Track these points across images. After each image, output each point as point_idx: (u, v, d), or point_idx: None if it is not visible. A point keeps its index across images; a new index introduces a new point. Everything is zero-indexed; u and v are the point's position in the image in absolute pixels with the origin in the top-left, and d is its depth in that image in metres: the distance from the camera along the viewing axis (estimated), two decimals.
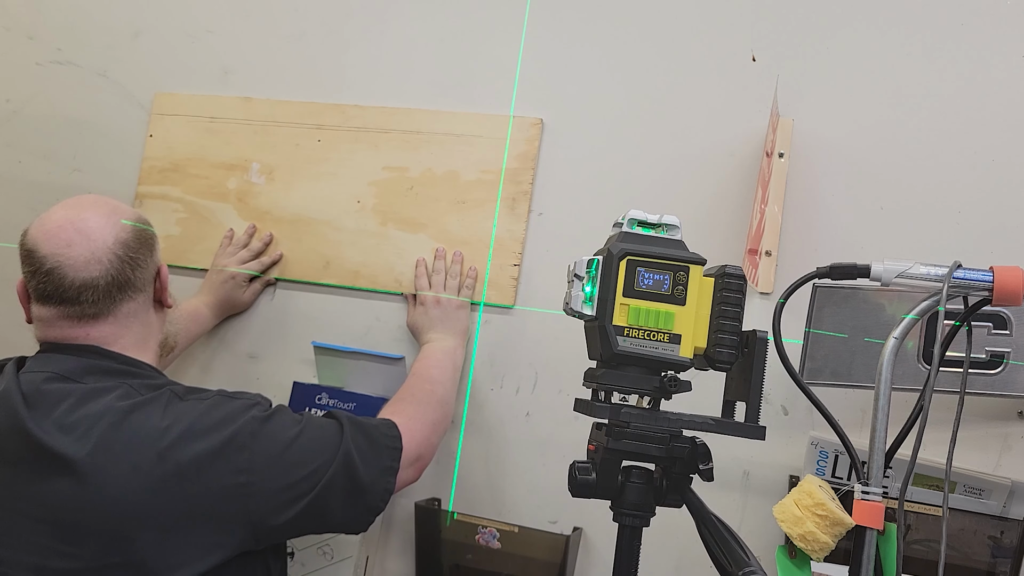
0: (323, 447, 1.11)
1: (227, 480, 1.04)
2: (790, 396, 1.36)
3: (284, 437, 1.09)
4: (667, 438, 0.94)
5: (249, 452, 1.06)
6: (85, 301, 1.12)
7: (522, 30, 1.57)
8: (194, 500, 1.03)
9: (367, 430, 1.15)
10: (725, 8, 1.49)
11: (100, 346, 1.13)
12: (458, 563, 1.45)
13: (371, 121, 1.63)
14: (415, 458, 1.20)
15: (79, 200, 1.17)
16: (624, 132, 1.51)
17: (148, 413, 1.06)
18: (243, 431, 1.07)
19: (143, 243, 1.17)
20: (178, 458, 1.03)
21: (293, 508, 1.07)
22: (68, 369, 1.10)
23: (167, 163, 1.73)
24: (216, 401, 1.10)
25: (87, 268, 1.11)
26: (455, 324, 1.48)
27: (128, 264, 1.14)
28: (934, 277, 1.02)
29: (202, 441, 1.05)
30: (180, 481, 1.03)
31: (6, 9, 1.89)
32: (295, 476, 1.08)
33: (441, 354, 1.42)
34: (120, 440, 1.03)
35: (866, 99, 1.40)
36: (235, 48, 1.74)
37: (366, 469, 1.12)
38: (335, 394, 1.50)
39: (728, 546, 0.91)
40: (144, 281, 1.17)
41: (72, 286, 1.11)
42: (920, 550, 1.25)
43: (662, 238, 0.96)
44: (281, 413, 1.13)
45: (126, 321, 1.15)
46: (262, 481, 1.06)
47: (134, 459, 1.03)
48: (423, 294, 1.50)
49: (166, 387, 1.12)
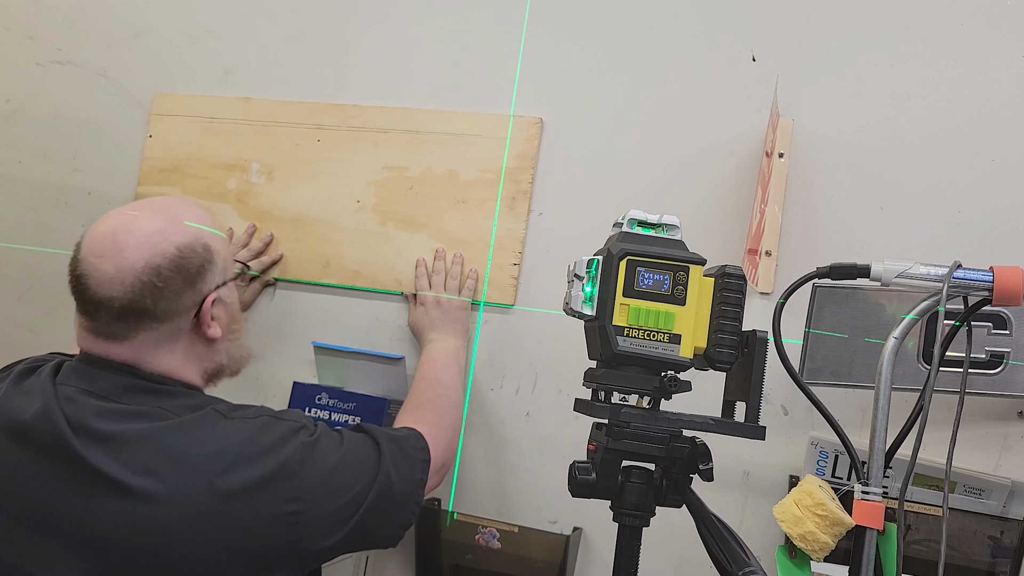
0: (365, 469, 1.09)
1: (278, 509, 1.02)
2: (790, 396, 1.36)
3: (331, 462, 1.07)
4: (667, 438, 0.94)
5: (299, 480, 1.04)
6: (100, 319, 1.06)
7: (522, 30, 1.57)
8: (244, 528, 1.01)
9: (400, 444, 1.14)
10: (725, 8, 1.49)
11: (134, 365, 1.08)
12: (458, 563, 1.45)
13: (370, 121, 1.63)
14: (440, 466, 1.20)
15: (143, 207, 1.10)
16: (624, 132, 1.51)
17: (196, 436, 1.03)
18: (293, 458, 1.04)
19: (181, 272, 1.06)
20: (230, 485, 1.00)
21: (339, 533, 1.06)
22: (104, 388, 1.06)
23: (167, 163, 1.73)
24: (264, 423, 1.07)
25: (108, 286, 1.04)
26: (456, 325, 1.47)
27: (150, 293, 1.05)
28: (934, 277, 1.02)
29: (253, 468, 1.02)
30: (231, 509, 1.00)
31: (6, 9, 1.89)
32: (340, 501, 1.06)
33: (445, 356, 1.42)
34: (170, 464, 1.00)
35: (866, 99, 1.40)
36: (235, 48, 1.74)
37: (401, 485, 1.10)
38: (335, 394, 1.50)
39: (728, 546, 0.91)
40: (170, 312, 1.07)
41: (92, 299, 1.05)
42: (920, 550, 1.25)
43: (662, 238, 0.96)
44: (326, 437, 1.10)
45: (146, 348, 1.08)
46: (310, 508, 1.04)
47: (185, 486, 1.00)
48: (423, 294, 1.50)
49: (208, 406, 1.07)
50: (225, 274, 1.14)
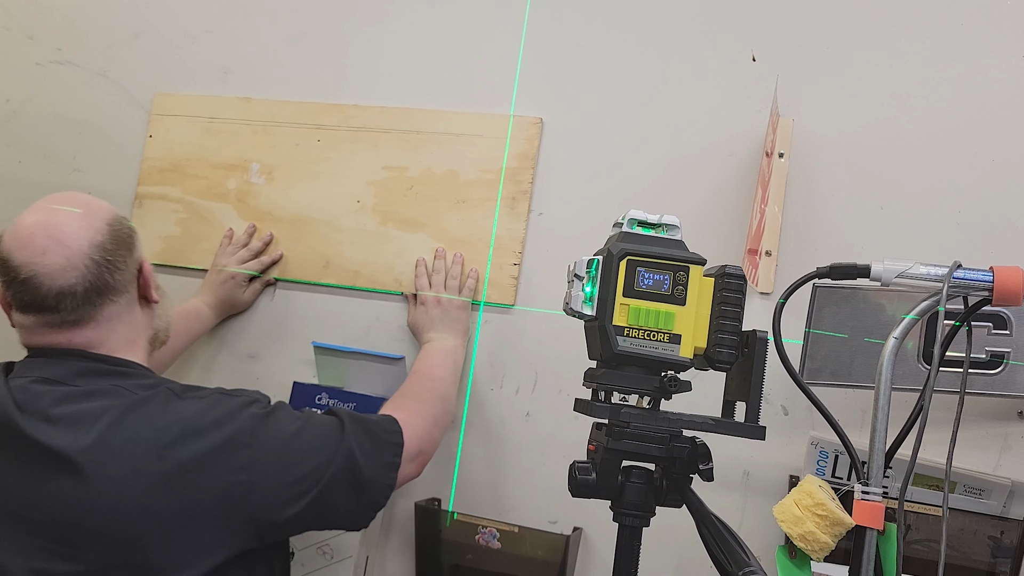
0: (324, 443, 1.10)
1: (228, 479, 1.04)
2: (790, 396, 1.36)
3: (285, 434, 1.09)
4: (667, 438, 0.94)
5: (250, 450, 1.06)
6: (64, 309, 1.09)
7: (522, 30, 1.57)
8: (196, 499, 1.03)
9: (368, 426, 1.15)
10: (725, 8, 1.49)
11: (86, 349, 1.12)
12: (458, 563, 1.45)
13: (370, 121, 1.63)
14: (416, 453, 1.20)
15: (51, 201, 1.13)
16: (624, 132, 1.51)
17: (146, 412, 1.06)
18: (243, 429, 1.07)
19: (120, 243, 1.13)
20: (179, 457, 1.03)
21: (296, 505, 1.07)
22: (58, 373, 1.09)
23: (167, 163, 1.73)
24: (215, 399, 1.10)
25: (63, 276, 1.08)
26: (456, 324, 1.47)
27: (106, 268, 1.10)
28: (934, 277, 1.02)
29: (202, 440, 1.04)
30: (181, 481, 1.02)
31: (6, 9, 1.89)
32: (297, 473, 1.08)
33: (442, 353, 1.42)
34: (119, 440, 1.03)
35: (866, 99, 1.40)
36: (235, 48, 1.74)
37: (368, 464, 1.12)
38: (335, 394, 1.50)
39: (728, 546, 0.91)
40: (124, 282, 1.14)
41: (49, 295, 1.08)
42: (920, 550, 1.25)
43: (662, 238, 0.96)
44: (281, 410, 1.13)
45: (110, 324, 1.13)
46: (264, 478, 1.06)
47: (134, 459, 1.02)
48: (424, 294, 1.50)
49: (162, 385, 1.11)
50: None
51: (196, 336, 1.57)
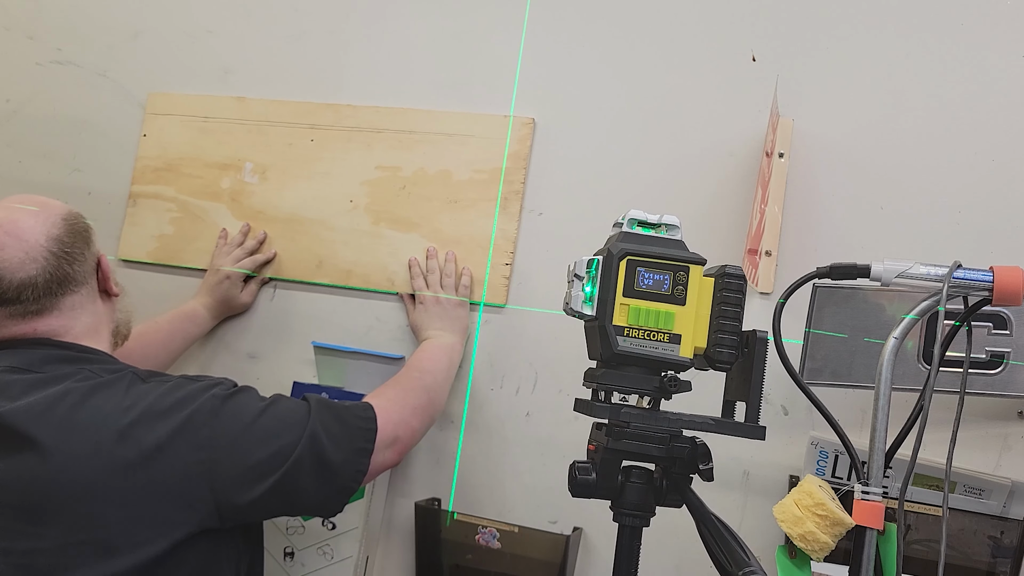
0: (288, 426, 1.11)
1: (188, 457, 1.05)
2: (790, 396, 1.36)
3: (246, 416, 1.10)
4: (667, 438, 0.94)
5: (209, 429, 1.06)
6: (26, 300, 1.12)
7: (522, 31, 1.57)
8: (156, 479, 1.03)
9: (337, 410, 1.15)
10: (725, 8, 1.49)
11: (52, 337, 1.14)
12: (458, 563, 1.45)
13: (364, 121, 1.63)
14: (391, 440, 1.20)
15: (6, 203, 1.17)
16: (623, 132, 1.51)
17: (110, 394, 1.07)
18: (203, 409, 1.07)
19: (77, 236, 1.17)
20: (139, 437, 1.04)
21: (259, 487, 1.07)
22: (24, 361, 1.11)
23: (161, 163, 1.73)
24: (177, 383, 1.11)
25: (23, 268, 1.12)
26: (455, 322, 1.48)
27: (64, 259, 1.14)
28: (934, 277, 1.02)
29: (162, 421, 1.05)
30: (141, 460, 1.03)
31: (6, 9, 1.89)
32: (260, 454, 1.08)
33: (436, 348, 1.43)
34: (82, 419, 1.04)
35: (866, 99, 1.40)
36: (235, 48, 1.74)
37: (335, 449, 1.12)
38: (335, 394, 1.50)
39: (728, 546, 0.91)
40: (84, 274, 1.17)
41: (10, 287, 1.11)
42: (920, 550, 1.25)
43: (662, 238, 0.96)
44: (245, 392, 1.13)
45: (72, 313, 1.16)
46: (224, 459, 1.06)
47: (96, 438, 1.03)
48: (422, 293, 1.50)
49: (127, 370, 1.13)
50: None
51: (193, 338, 1.57)
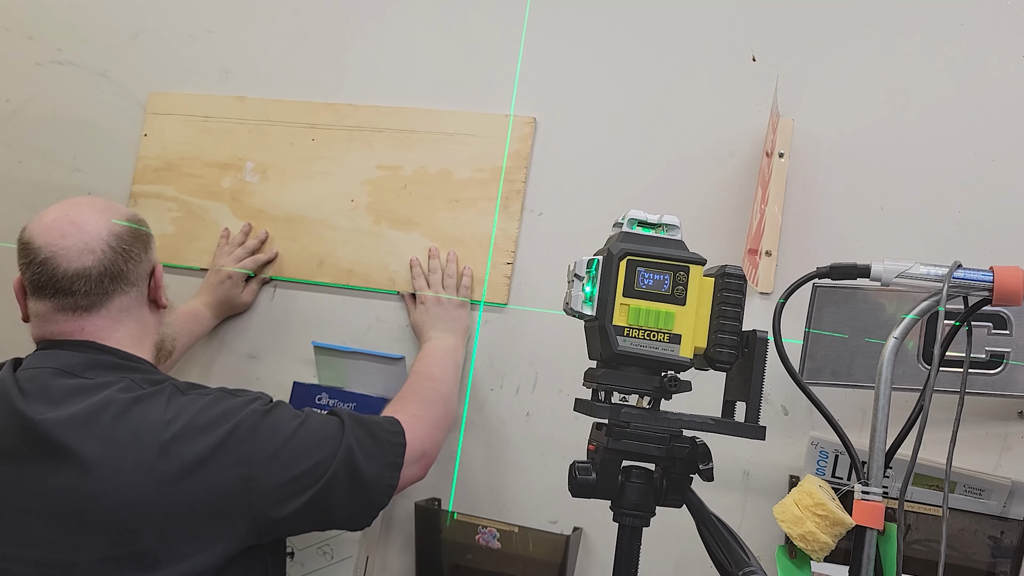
0: (324, 441, 1.11)
1: (228, 474, 1.05)
2: (790, 396, 1.36)
3: (285, 431, 1.10)
4: (667, 438, 0.94)
5: (249, 445, 1.07)
6: (78, 292, 1.12)
7: (522, 31, 1.57)
8: (196, 494, 1.04)
9: (369, 426, 1.16)
10: (725, 8, 1.49)
11: (97, 341, 1.14)
12: (458, 563, 1.45)
13: (365, 120, 1.63)
14: (419, 455, 1.20)
15: (76, 199, 1.19)
16: (623, 132, 1.51)
17: (151, 406, 1.07)
18: (243, 424, 1.07)
19: (137, 238, 1.18)
20: (180, 452, 1.04)
21: (295, 502, 1.07)
22: (68, 364, 1.11)
23: (161, 162, 1.73)
24: (217, 396, 1.11)
25: (80, 258, 1.12)
26: (456, 323, 1.48)
27: (121, 256, 1.14)
28: (934, 277, 1.02)
29: (203, 436, 1.05)
30: (182, 476, 1.03)
31: (6, 9, 1.89)
32: (297, 470, 1.08)
33: (442, 352, 1.42)
34: (124, 432, 1.04)
35: (866, 99, 1.40)
36: (235, 48, 1.74)
37: (368, 464, 1.12)
38: (335, 394, 1.50)
39: (728, 546, 0.91)
40: (137, 276, 1.17)
41: (65, 276, 1.11)
42: (920, 550, 1.25)
43: (662, 238, 0.96)
44: (281, 407, 1.13)
45: (119, 315, 1.15)
46: (263, 475, 1.06)
47: (137, 452, 1.03)
48: (423, 293, 1.50)
49: (167, 381, 1.12)
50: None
51: (196, 337, 1.57)
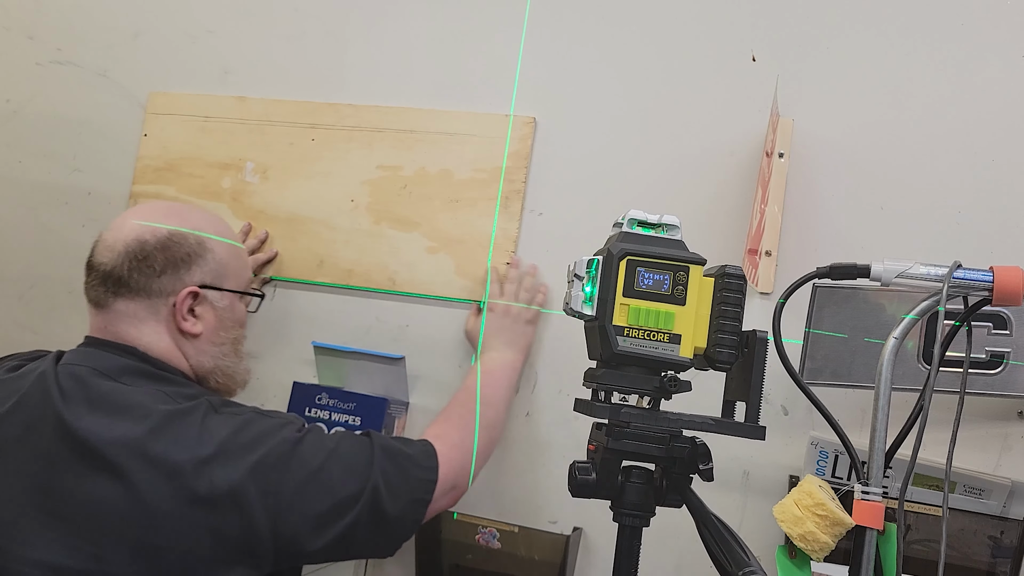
0: (352, 475, 1.08)
1: (256, 504, 1.03)
2: (790, 396, 1.36)
3: (314, 461, 1.07)
4: (667, 438, 0.94)
5: (278, 474, 1.05)
6: (89, 282, 1.16)
7: (522, 31, 1.57)
8: (223, 520, 1.02)
9: (399, 460, 1.13)
10: (725, 8, 1.49)
11: (137, 348, 1.14)
12: (458, 563, 1.45)
13: (365, 120, 1.63)
14: (450, 487, 1.18)
15: (164, 203, 1.25)
16: (623, 132, 1.51)
17: (187, 423, 1.05)
18: (274, 452, 1.06)
19: (165, 252, 1.15)
20: (212, 476, 1.02)
21: (319, 539, 1.06)
22: (105, 366, 1.10)
23: (162, 162, 1.73)
24: (249, 419, 1.09)
25: (103, 252, 1.16)
26: (520, 337, 1.43)
27: (129, 263, 1.14)
28: (934, 277, 1.02)
29: (235, 460, 1.03)
30: (212, 500, 1.01)
31: (6, 9, 1.89)
32: (322, 506, 1.06)
33: (500, 370, 1.38)
34: (159, 448, 1.02)
35: (866, 99, 1.40)
36: (235, 48, 1.74)
37: (393, 502, 1.09)
38: (335, 394, 1.49)
39: (728, 546, 0.91)
40: (144, 288, 1.14)
41: (90, 263, 1.17)
42: (920, 550, 1.25)
43: (662, 238, 0.96)
44: (312, 435, 1.11)
45: (124, 319, 1.15)
46: (289, 508, 1.04)
47: (171, 470, 1.01)
48: (494, 301, 1.45)
49: (202, 397, 1.10)
50: (223, 280, 1.20)
51: None
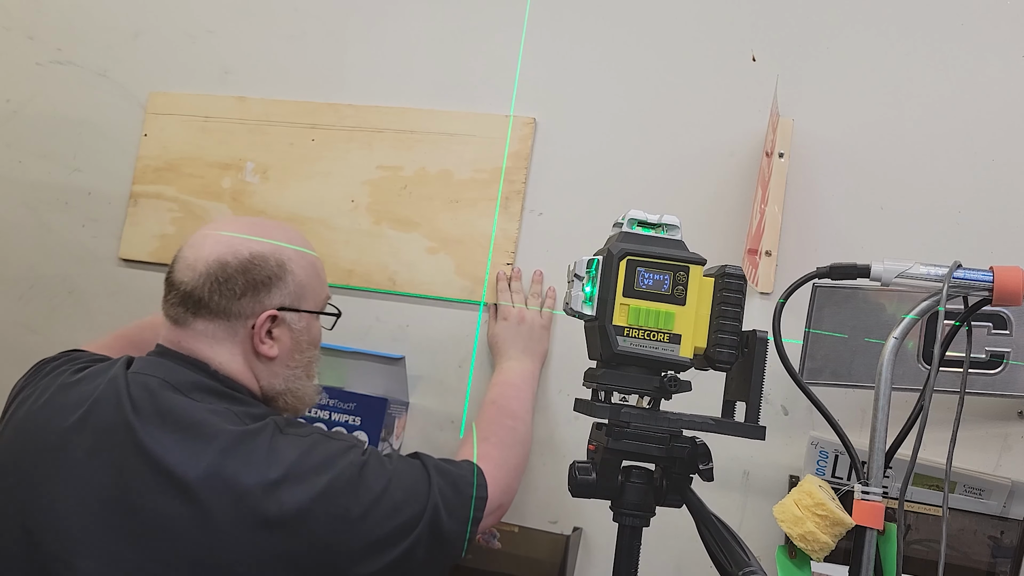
0: (413, 497, 1.08)
1: (323, 528, 1.02)
2: (790, 396, 1.36)
3: (378, 487, 1.07)
4: (667, 438, 0.94)
5: (345, 498, 1.04)
6: (169, 300, 1.13)
7: (522, 31, 1.57)
8: (289, 544, 1.01)
9: (453, 479, 1.12)
10: (725, 8, 1.49)
11: (198, 358, 1.12)
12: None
13: (365, 120, 1.63)
14: (496, 507, 1.18)
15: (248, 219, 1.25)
16: (623, 132, 1.51)
17: (256, 445, 1.04)
18: (342, 476, 1.05)
19: (246, 275, 1.12)
20: (280, 499, 1.01)
21: (379, 561, 1.05)
22: (176, 380, 1.08)
23: (162, 162, 1.73)
24: (315, 440, 1.08)
25: (183, 271, 1.13)
26: (537, 345, 1.44)
27: (210, 285, 1.11)
28: (934, 277, 1.02)
29: (304, 484, 1.02)
30: (280, 524, 1.00)
31: (6, 9, 1.89)
32: (385, 529, 1.05)
33: (522, 380, 1.39)
34: (230, 469, 1.01)
35: (866, 99, 1.40)
36: (235, 48, 1.74)
37: (450, 520, 1.09)
38: (335, 394, 1.49)
39: (728, 546, 0.91)
40: (224, 310, 1.12)
41: (170, 280, 1.14)
42: (920, 550, 1.25)
43: (662, 238, 0.96)
44: (374, 459, 1.10)
45: (202, 339, 1.12)
46: (353, 531, 1.03)
47: (240, 491, 1.00)
48: (507, 307, 1.45)
49: (269, 417, 1.09)
50: (302, 301, 1.17)
51: None
